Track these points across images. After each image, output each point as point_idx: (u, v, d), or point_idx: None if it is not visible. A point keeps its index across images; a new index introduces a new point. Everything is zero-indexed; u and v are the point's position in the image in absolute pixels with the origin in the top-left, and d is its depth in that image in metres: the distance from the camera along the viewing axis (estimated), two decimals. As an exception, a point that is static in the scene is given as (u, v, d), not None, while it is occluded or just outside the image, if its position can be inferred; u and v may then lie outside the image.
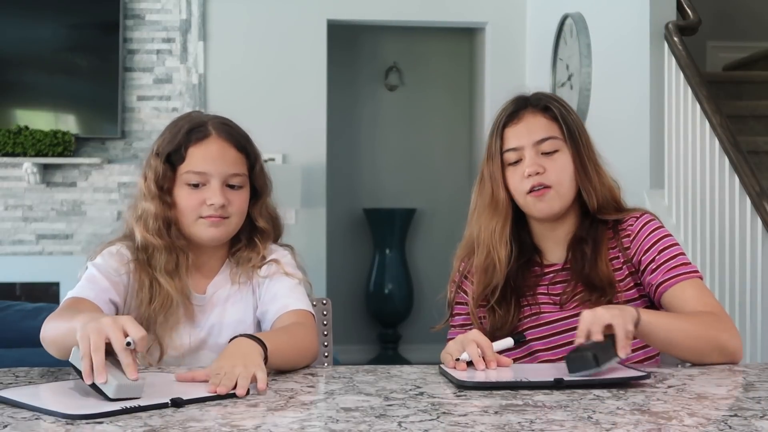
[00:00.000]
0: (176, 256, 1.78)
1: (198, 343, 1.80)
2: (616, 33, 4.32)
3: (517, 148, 1.81)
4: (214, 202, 1.76)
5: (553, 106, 1.84)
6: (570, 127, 1.83)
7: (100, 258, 1.79)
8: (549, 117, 1.84)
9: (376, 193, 6.49)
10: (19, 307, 2.70)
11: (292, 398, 1.36)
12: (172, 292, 1.75)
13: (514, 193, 1.83)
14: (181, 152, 1.78)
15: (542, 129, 1.82)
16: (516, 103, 1.87)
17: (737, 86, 4.64)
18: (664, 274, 1.76)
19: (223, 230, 1.79)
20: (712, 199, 3.56)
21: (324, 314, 2.02)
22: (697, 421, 1.22)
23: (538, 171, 1.78)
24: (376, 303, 6.25)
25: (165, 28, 5.49)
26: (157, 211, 1.77)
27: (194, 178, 1.77)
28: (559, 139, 1.82)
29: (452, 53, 6.53)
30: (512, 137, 1.82)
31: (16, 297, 5.21)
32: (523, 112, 1.84)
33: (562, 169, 1.80)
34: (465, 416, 1.24)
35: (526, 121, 1.83)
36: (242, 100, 5.48)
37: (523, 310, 1.83)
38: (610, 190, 1.85)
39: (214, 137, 1.79)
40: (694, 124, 3.69)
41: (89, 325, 1.34)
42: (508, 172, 1.83)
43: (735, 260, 3.40)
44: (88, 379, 1.30)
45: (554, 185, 1.79)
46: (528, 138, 1.81)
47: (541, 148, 1.80)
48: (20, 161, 5.22)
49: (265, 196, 1.88)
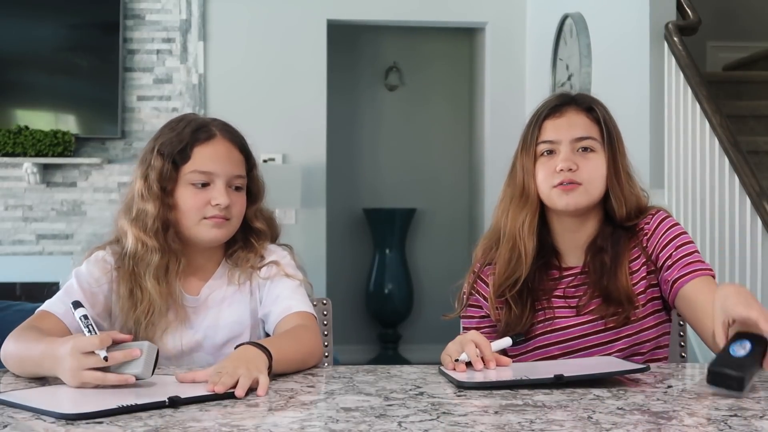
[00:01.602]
0: (167, 260, 1.77)
1: (193, 345, 1.79)
2: (616, 33, 4.32)
3: (554, 141, 1.80)
4: (220, 203, 1.75)
5: (597, 108, 1.83)
6: (610, 132, 1.82)
7: (85, 266, 1.79)
8: (591, 118, 1.82)
9: (376, 193, 6.49)
10: (19, 307, 2.69)
11: (292, 398, 1.36)
12: (155, 298, 1.74)
13: (540, 185, 1.80)
14: (187, 151, 1.77)
15: (583, 127, 1.81)
16: (561, 98, 1.86)
17: (737, 86, 4.64)
18: (680, 270, 1.74)
19: (225, 231, 1.79)
20: (712, 199, 3.56)
21: (324, 314, 2.02)
22: (697, 421, 1.22)
23: (571, 167, 1.76)
24: (376, 303, 6.25)
25: (165, 28, 5.49)
26: (157, 212, 1.75)
27: (200, 177, 1.76)
28: (597, 141, 1.80)
29: (452, 53, 6.53)
30: (551, 130, 1.81)
31: (16, 297, 5.21)
32: (567, 108, 1.83)
33: (595, 169, 1.79)
34: (465, 416, 1.24)
35: (569, 117, 1.81)
36: (242, 100, 5.48)
37: (537, 315, 1.81)
38: (638, 199, 1.84)
39: (219, 138, 1.79)
40: (694, 124, 3.69)
41: (66, 374, 1.41)
42: (538, 163, 1.81)
43: (735, 260, 3.40)
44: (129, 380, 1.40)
45: (585, 183, 1.77)
46: (567, 133, 1.79)
47: (578, 145, 1.79)
48: (20, 161, 5.22)
49: (260, 200, 1.88)
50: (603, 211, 1.84)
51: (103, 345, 1.41)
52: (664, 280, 1.77)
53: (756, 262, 3.30)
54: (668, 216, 1.83)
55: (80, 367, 1.39)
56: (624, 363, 1.55)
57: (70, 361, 1.40)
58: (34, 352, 1.50)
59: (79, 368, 1.39)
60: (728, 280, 3.44)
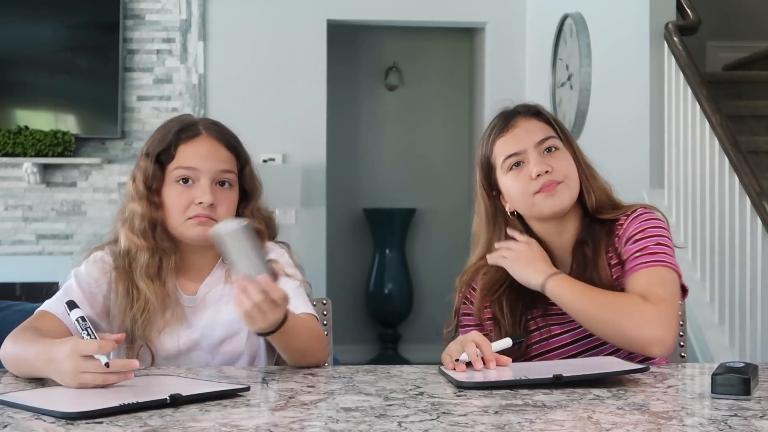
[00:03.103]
0: (159, 259, 1.78)
1: (190, 344, 1.79)
2: (616, 33, 4.32)
3: (519, 152, 1.79)
4: (203, 201, 1.75)
5: (543, 111, 1.85)
6: (563, 129, 1.84)
7: (84, 266, 1.80)
8: (542, 120, 1.83)
9: (376, 193, 6.49)
10: (19, 307, 2.70)
11: (292, 398, 1.36)
12: (150, 297, 1.75)
13: (519, 198, 1.79)
14: (171, 151, 1.78)
15: (540, 130, 1.81)
16: (504, 115, 1.85)
17: (737, 86, 4.64)
18: (629, 263, 1.74)
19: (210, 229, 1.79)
20: (712, 199, 3.56)
21: (324, 314, 2.02)
22: (697, 421, 1.22)
23: (546, 169, 1.76)
24: (376, 303, 6.25)
25: (165, 28, 5.48)
26: (144, 212, 1.77)
27: (183, 173, 1.76)
28: (557, 139, 1.81)
29: (452, 53, 6.53)
30: (512, 143, 1.80)
31: (16, 297, 5.21)
32: (515, 119, 1.82)
33: (567, 164, 1.79)
34: (465, 416, 1.24)
35: (522, 126, 1.81)
36: (242, 100, 5.48)
37: (533, 335, 1.80)
38: (604, 190, 1.85)
39: (204, 136, 1.80)
40: (694, 124, 3.69)
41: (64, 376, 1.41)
42: (509, 179, 1.80)
43: (735, 260, 3.40)
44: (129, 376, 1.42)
45: (564, 179, 1.77)
46: (528, 140, 1.79)
47: (542, 147, 1.79)
48: (20, 161, 5.22)
49: (255, 199, 1.87)
50: (581, 208, 1.83)
51: (103, 351, 1.40)
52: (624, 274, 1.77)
53: (756, 262, 3.30)
54: (644, 212, 1.81)
55: (79, 370, 1.39)
56: (624, 363, 1.55)
57: (68, 363, 1.40)
58: (30, 353, 1.51)
59: (78, 371, 1.39)
60: (728, 280, 3.44)
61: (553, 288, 1.70)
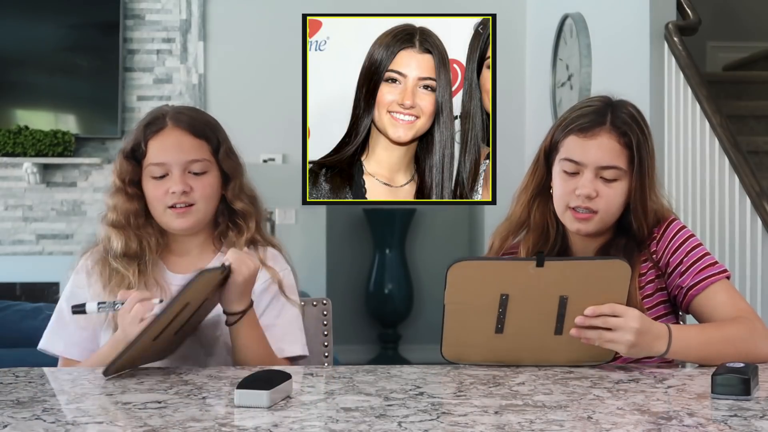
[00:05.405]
0: (138, 242, 1.82)
1: None
2: (616, 33, 4.32)
3: (579, 163, 1.74)
4: (175, 190, 1.78)
5: (632, 134, 1.75)
6: (642, 159, 1.75)
7: (69, 282, 1.86)
8: (623, 143, 1.74)
9: (376, 193, 6.48)
10: (19, 307, 2.70)
11: (292, 398, 1.36)
12: (126, 274, 1.78)
13: (556, 199, 1.78)
14: (142, 147, 1.82)
15: (612, 155, 1.73)
16: (598, 111, 1.78)
17: (737, 86, 4.64)
18: (693, 277, 1.72)
19: (191, 219, 1.80)
20: (712, 199, 3.56)
21: (324, 314, 2.02)
22: (697, 421, 1.22)
23: (590, 195, 1.72)
24: (376, 303, 6.24)
25: (165, 28, 5.49)
26: (118, 203, 1.82)
27: (156, 170, 1.80)
28: (623, 171, 1.74)
29: (452, 53, 6.52)
30: (579, 150, 1.74)
31: (16, 297, 5.21)
32: (600, 129, 1.74)
33: (614, 198, 1.74)
34: (465, 416, 1.24)
35: (599, 142, 1.73)
36: (242, 100, 5.47)
37: None
38: (655, 213, 1.79)
39: (169, 128, 1.82)
40: (694, 124, 3.69)
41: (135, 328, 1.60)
42: (557, 176, 1.77)
43: (735, 260, 3.40)
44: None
45: (600, 212, 1.73)
46: (594, 159, 1.73)
47: (602, 173, 1.73)
48: (20, 161, 5.22)
49: (237, 178, 1.87)
50: (618, 220, 1.79)
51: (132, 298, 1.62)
52: (677, 286, 1.75)
53: (756, 262, 3.30)
54: (675, 219, 1.80)
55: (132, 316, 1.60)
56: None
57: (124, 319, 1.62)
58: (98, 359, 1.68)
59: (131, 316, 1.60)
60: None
61: (677, 353, 1.62)
